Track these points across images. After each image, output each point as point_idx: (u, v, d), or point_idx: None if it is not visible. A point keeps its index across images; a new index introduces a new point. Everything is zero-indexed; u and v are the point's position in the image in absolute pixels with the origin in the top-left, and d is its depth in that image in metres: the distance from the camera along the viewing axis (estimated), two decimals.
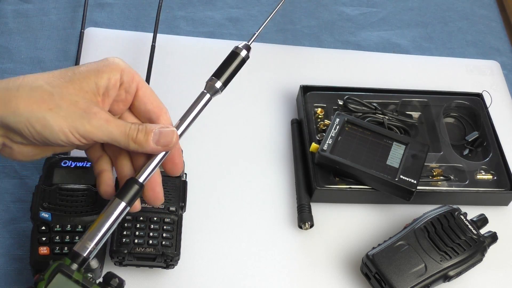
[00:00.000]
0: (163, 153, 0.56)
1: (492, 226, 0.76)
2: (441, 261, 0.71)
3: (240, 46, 0.59)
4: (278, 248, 0.76)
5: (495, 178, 0.82)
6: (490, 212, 0.78)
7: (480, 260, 0.73)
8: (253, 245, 0.75)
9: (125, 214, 0.55)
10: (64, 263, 0.52)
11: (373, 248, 0.72)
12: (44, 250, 0.65)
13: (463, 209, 0.76)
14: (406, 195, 0.77)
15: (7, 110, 0.52)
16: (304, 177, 0.80)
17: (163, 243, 0.68)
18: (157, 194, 0.59)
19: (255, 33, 0.60)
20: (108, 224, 0.54)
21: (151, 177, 0.57)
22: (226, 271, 0.73)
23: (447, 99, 0.89)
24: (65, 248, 0.65)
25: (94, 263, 0.65)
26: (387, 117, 0.85)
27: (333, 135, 0.79)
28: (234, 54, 0.59)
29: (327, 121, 0.84)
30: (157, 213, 0.69)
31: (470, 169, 0.83)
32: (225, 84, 0.58)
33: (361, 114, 0.84)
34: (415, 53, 1.02)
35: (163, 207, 0.70)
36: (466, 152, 0.85)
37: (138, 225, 0.68)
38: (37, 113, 0.52)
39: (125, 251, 0.67)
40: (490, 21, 1.10)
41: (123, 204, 0.55)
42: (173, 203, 0.70)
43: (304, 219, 0.76)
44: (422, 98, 0.88)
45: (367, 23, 1.05)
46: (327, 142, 0.78)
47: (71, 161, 0.71)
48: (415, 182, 0.76)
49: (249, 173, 0.82)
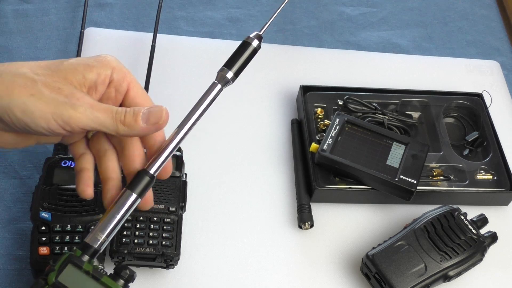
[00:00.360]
0: (174, 143, 0.54)
1: (492, 226, 0.76)
2: (441, 261, 0.71)
3: (252, 36, 0.57)
4: (278, 248, 0.76)
5: (495, 178, 0.82)
6: (490, 212, 0.78)
7: (480, 260, 0.73)
8: (253, 245, 0.75)
9: (136, 206, 0.53)
10: (75, 254, 0.52)
11: (373, 248, 0.72)
12: (44, 250, 0.65)
13: (463, 209, 0.76)
14: (406, 195, 0.77)
15: None
16: (304, 177, 0.80)
17: (163, 243, 0.68)
18: (147, 198, 0.56)
19: (266, 23, 0.58)
20: (119, 216, 0.53)
21: None
22: (226, 271, 0.73)
23: (447, 99, 0.89)
24: (65, 248, 0.66)
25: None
26: (387, 117, 0.85)
27: (333, 135, 0.79)
28: (246, 44, 0.56)
29: (327, 121, 0.84)
30: (157, 213, 0.69)
31: (470, 169, 0.83)
32: (237, 74, 0.56)
33: (361, 114, 0.84)
34: (415, 53, 1.02)
35: (163, 207, 0.70)
36: (466, 152, 0.85)
37: (138, 225, 0.68)
38: (18, 99, 0.50)
39: (125, 251, 0.67)
40: (490, 21, 1.10)
41: (134, 195, 0.53)
42: (173, 203, 0.70)
43: (304, 219, 0.76)
44: (422, 98, 0.88)
45: (367, 23, 1.05)
46: (327, 142, 0.78)
47: (71, 161, 0.71)
48: (415, 182, 0.76)
49: (249, 173, 0.82)
